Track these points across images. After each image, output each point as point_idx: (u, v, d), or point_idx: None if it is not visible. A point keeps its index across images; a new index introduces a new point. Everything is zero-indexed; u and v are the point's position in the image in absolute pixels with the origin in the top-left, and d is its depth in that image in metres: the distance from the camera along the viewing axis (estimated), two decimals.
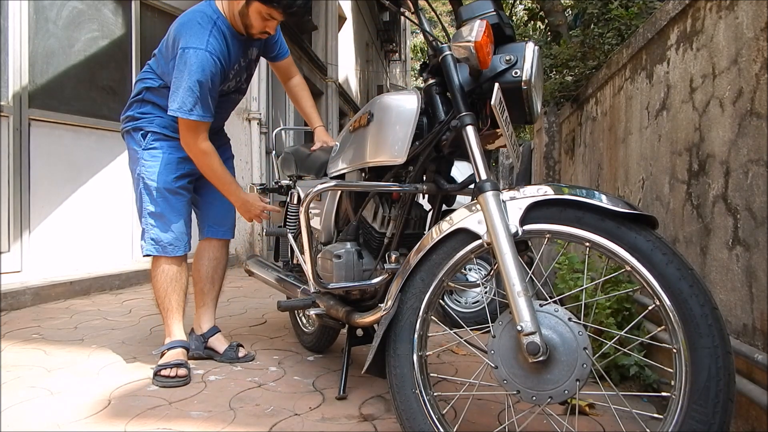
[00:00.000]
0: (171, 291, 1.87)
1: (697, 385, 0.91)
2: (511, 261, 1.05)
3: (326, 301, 1.67)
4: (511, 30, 1.28)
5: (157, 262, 1.89)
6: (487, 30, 1.15)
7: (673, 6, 1.79)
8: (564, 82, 3.56)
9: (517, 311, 1.03)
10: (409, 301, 1.23)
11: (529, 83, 1.19)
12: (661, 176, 1.90)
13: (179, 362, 1.75)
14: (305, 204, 1.37)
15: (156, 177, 1.82)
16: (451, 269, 1.18)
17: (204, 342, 2.00)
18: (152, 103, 1.86)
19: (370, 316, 1.48)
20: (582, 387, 1.00)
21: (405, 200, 1.45)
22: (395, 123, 1.34)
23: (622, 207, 1.01)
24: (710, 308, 0.92)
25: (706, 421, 0.89)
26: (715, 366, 0.90)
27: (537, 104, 1.27)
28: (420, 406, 1.17)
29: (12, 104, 3.30)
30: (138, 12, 4.29)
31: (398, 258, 1.39)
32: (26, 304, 2.95)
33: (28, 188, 3.41)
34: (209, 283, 2.05)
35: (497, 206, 1.10)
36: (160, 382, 1.70)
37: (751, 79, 1.32)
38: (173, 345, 1.84)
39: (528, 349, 1.00)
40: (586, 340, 1.01)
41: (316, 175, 1.95)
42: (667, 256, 0.96)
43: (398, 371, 1.20)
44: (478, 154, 1.17)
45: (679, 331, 0.94)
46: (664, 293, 0.95)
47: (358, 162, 1.50)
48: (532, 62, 1.20)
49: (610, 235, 1.02)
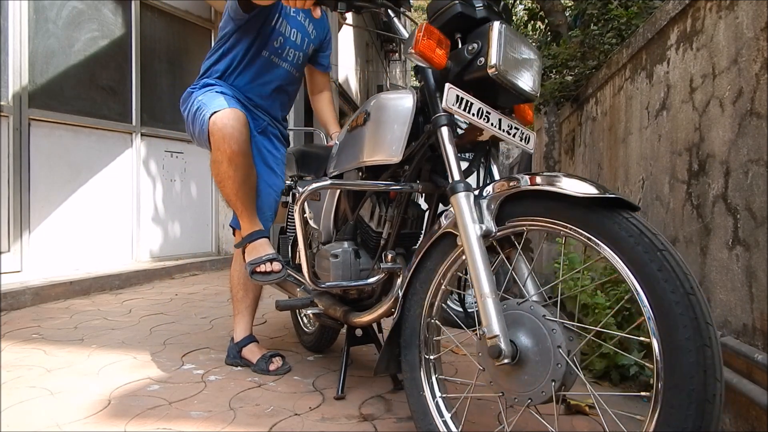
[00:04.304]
0: (247, 188, 1.76)
1: (671, 383, 0.81)
2: (479, 262, 1.03)
3: (324, 301, 1.67)
4: (488, 10, 1.20)
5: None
6: (425, 33, 1.12)
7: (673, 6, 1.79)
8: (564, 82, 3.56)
9: (483, 314, 1.00)
10: (411, 308, 1.25)
11: (497, 67, 1.12)
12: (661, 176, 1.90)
13: (272, 256, 1.67)
14: (299, 203, 1.37)
15: None
16: (446, 272, 1.19)
17: (239, 351, 1.94)
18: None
19: (368, 316, 1.49)
20: (560, 388, 0.95)
21: (401, 199, 1.45)
22: (391, 122, 1.33)
23: (588, 191, 0.93)
24: (683, 294, 0.81)
25: (679, 424, 0.79)
26: (687, 361, 0.80)
27: (528, 81, 1.20)
28: (428, 408, 1.20)
29: (12, 104, 3.30)
30: (138, 12, 4.29)
31: (394, 257, 1.39)
32: (26, 304, 2.95)
33: (28, 188, 3.41)
34: (242, 290, 1.99)
35: (468, 207, 1.08)
36: (258, 278, 1.64)
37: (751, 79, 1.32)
38: (254, 236, 1.72)
39: (489, 352, 0.98)
40: (560, 337, 0.96)
41: (316, 175, 1.95)
42: (634, 237, 0.87)
43: (408, 375, 1.25)
44: (451, 155, 1.15)
45: (651, 322, 0.84)
46: (635, 279, 0.87)
47: (354, 161, 1.50)
48: (499, 44, 1.12)
49: (578, 222, 0.95)
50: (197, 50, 4.92)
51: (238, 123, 1.65)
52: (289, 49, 1.89)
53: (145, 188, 4.37)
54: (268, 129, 1.96)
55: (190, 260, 4.55)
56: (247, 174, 1.72)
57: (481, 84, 1.18)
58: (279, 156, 2.00)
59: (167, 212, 4.59)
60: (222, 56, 1.87)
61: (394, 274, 1.44)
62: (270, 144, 1.96)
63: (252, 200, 1.77)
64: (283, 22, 1.84)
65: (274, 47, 1.85)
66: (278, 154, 2.00)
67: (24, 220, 3.37)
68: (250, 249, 1.72)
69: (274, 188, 1.94)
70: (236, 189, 1.69)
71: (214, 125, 1.64)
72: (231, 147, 1.64)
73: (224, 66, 1.86)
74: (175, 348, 2.14)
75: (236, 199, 1.71)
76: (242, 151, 1.67)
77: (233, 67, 1.86)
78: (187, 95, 1.90)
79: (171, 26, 4.73)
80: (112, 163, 4.08)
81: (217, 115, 1.64)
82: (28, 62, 3.40)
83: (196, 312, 2.87)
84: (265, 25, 1.80)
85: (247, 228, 1.75)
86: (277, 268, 1.66)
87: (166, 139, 4.59)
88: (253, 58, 1.85)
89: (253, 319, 2.05)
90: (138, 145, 4.31)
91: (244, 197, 1.72)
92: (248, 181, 1.74)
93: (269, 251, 1.70)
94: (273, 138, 1.99)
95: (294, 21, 1.88)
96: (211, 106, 1.68)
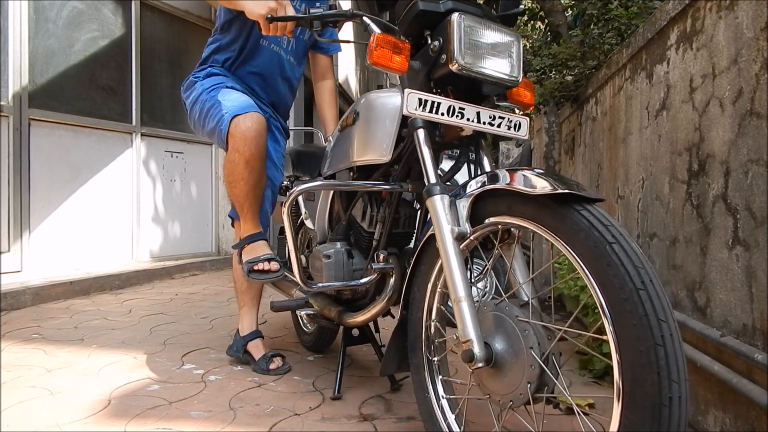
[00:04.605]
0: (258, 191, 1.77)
1: (626, 386, 0.77)
2: (453, 265, 1.02)
3: (319, 302, 1.67)
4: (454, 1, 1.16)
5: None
6: (378, 42, 1.11)
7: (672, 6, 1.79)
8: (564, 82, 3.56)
9: (458, 318, 0.99)
10: (413, 312, 1.25)
11: (458, 63, 1.10)
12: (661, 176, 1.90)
13: (270, 256, 1.69)
14: (287, 205, 1.37)
15: None
16: (439, 275, 1.19)
17: (244, 345, 1.94)
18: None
19: (362, 316, 1.49)
20: (538, 389, 0.93)
21: (392, 199, 1.44)
22: (380, 122, 1.33)
23: (541, 188, 0.89)
24: (631, 290, 0.76)
25: (636, 429, 0.75)
26: (639, 362, 0.74)
27: (503, 67, 1.16)
28: (433, 409, 1.21)
29: (12, 104, 3.30)
30: (138, 12, 4.29)
31: (387, 257, 1.39)
32: (26, 304, 2.95)
33: (28, 188, 3.41)
34: (246, 281, 1.96)
35: (442, 209, 1.08)
36: (255, 277, 1.65)
37: (751, 79, 1.32)
38: (254, 238, 1.74)
39: (463, 357, 0.97)
40: (532, 339, 0.93)
41: (312, 175, 1.95)
42: (584, 231, 0.82)
43: (414, 377, 1.28)
44: (427, 158, 1.15)
45: (607, 321, 0.79)
46: (589, 274, 0.82)
47: (346, 161, 1.49)
48: (459, 38, 1.10)
49: (539, 219, 0.92)
50: (197, 50, 4.90)
51: (260, 127, 1.67)
52: (284, 36, 1.88)
53: (145, 188, 4.37)
54: (271, 121, 1.96)
55: (190, 260, 4.55)
56: (260, 178, 1.74)
57: (455, 79, 1.16)
58: (280, 149, 2.01)
59: (167, 212, 4.59)
60: (222, 46, 1.88)
61: (386, 274, 1.44)
62: (271, 137, 1.96)
63: (259, 203, 1.78)
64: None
65: (273, 35, 1.81)
66: (279, 147, 2.01)
67: (24, 220, 3.37)
68: (249, 249, 1.73)
69: (275, 181, 1.95)
70: (247, 191, 1.70)
71: (236, 128, 1.65)
72: (251, 150, 1.65)
73: (225, 56, 1.87)
74: (175, 348, 2.14)
75: (245, 200, 1.72)
76: (260, 154, 1.68)
77: (234, 57, 1.87)
78: (190, 83, 1.90)
79: (171, 26, 4.73)
80: (112, 163, 4.08)
81: (240, 118, 1.65)
82: (28, 62, 3.40)
83: (196, 312, 2.87)
84: None
85: (247, 229, 1.76)
86: (274, 267, 1.67)
87: (166, 139, 4.59)
88: (253, 48, 1.86)
89: (258, 313, 2.05)
90: (138, 145, 4.31)
91: (253, 200, 1.73)
92: (259, 185, 1.75)
93: (267, 252, 1.71)
94: (275, 130, 1.99)
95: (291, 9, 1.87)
96: (232, 108, 1.68)
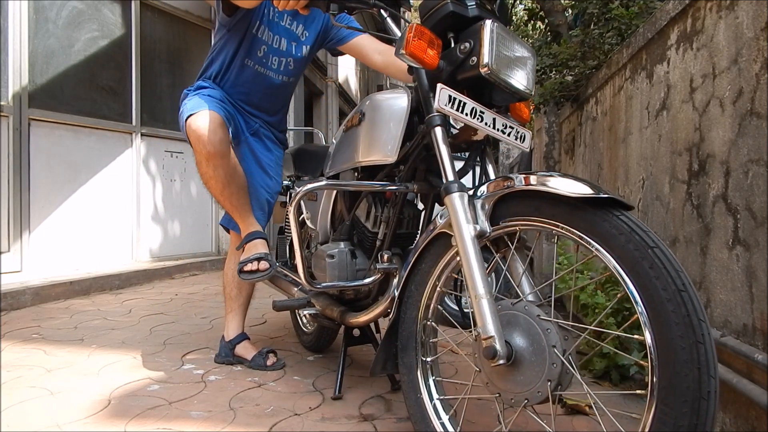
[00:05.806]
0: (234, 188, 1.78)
1: (665, 381, 0.80)
2: (473, 263, 1.02)
3: (321, 301, 1.67)
4: (481, 9, 1.19)
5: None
6: (416, 33, 1.11)
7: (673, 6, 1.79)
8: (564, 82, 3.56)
9: (478, 315, 1.00)
10: (408, 311, 1.25)
11: (489, 66, 1.11)
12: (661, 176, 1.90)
13: (259, 255, 1.71)
14: (293, 204, 1.38)
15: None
16: (441, 274, 1.18)
17: (231, 349, 1.96)
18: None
19: (364, 316, 1.49)
20: (556, 387, 0.94)
21: (396, 200, 1.44)
22: (386, 122, 1.33)
23: (582, 191, 0.92)
24: (674, 291, 0.80)
25: (674, 423, 0.79)
26: (681, 359, 0.79)
27: (521, 79, 1.19)
28: (426, 410, 1.19)
29: (12, 104, 3.30)
30: (138, 12, 4.29)
31: (390, 258, 1.39)
32: (26, 304, 2.95)
33: (28, 188, 3.41)
34: (236, 288, 2.01)
35: (462, 207, 1.08)
36: (244, 277, 1.69)
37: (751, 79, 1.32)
38: (250, 237, 1.77)
39: (484, 353, 0.97)
40: (555, 337, 0.95)
41: (314, 175, 1.95)
42: (625, 235, 0.87)
43: (405, 378, 1.25)
44: (445, 155, 1.15)
45: (645, 320, 0.84)
46: (627, 277, 0.86)
47: (350, 161, 1.49)
48: (491, 43, 1.11)
49: (570, 221, 0.95)
50: (197, 50, 4.92)
51: (212, 124, 1.67)
52: (273, 58, 1.86)
53: (145, 188, 4.37)
54: (261, 131, 1.96)
55: (190, 260, 4.55)
56: (230, 174, 1.74)
57: (475, 83, 1.17)
58: (273, 158, 1.99)
59: (167, 212, 4.59)
60: (212, 62, 1.90)
61: (390, 275, 1.43)
62: (262, 146, 1.96)
63: (240, 200, 1.79)
64: (265, 30, 1.81)
65: (258, 57, 1.84)
66: (272, 156, 1.99)
67: (24, 220, 3.37)
68: (246, 249, 1.75)
69: (267, 189, 1.94)
70: (221, 189, 1.73)
71: (189, 127, 1.68)
72: (206, 148, 1.66)
73: (214, 71, 1.89)
74: (175, 348, 2.14)
75: (223, 198, 1.75)
76: (218, 152, 1.68)
77: (222, 73, 1.88)
78: (183, 97, 1.91)
79: (171, 26, 4.73)
80: (112, 163, 4.09)
81: (192, 118, 1.67)
82: (28, 62, 3.40)
83: (196, 312, 2.87)
84: (248, 33, 1.79)
85: (243, 229, 1.78)
86: (263, 266, 1.68)
87: (166, 139, 4.59)
88: (239, 68, 1.85)
89: (245, 318, 2.07)
90: (138, 145, 4.31)
91: (231, 197, 1.75)
92: (233, 182, 1.76)
93: (261, 251, 1.73)
94: (266, 140, 1.98)
95: (278, 27, 1.84)
96: (187, 110, 1.71)
